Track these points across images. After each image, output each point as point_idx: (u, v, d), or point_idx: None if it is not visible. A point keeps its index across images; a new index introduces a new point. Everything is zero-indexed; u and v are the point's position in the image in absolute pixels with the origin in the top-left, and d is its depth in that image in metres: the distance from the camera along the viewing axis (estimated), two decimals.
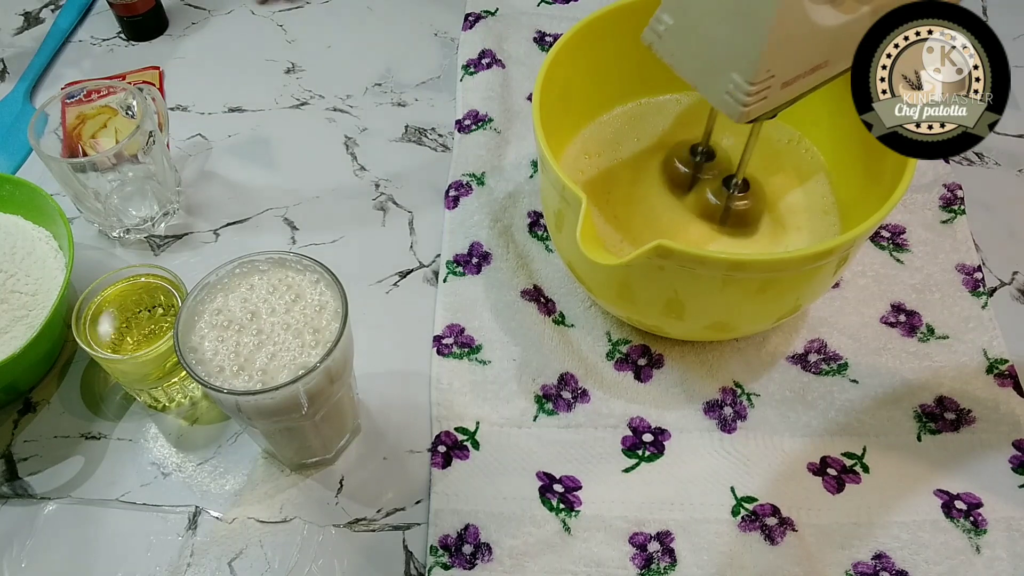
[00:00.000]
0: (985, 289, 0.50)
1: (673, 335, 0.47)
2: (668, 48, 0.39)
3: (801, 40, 0.35)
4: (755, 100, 0.36)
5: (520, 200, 0.55)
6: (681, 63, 0.39)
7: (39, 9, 0.71)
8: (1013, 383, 0.46)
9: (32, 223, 0.51)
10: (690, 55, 0.38)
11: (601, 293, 0.45)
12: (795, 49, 0.36)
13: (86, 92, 0.53)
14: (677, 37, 0.38)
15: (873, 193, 0.42)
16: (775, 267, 0.38)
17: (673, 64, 0.39)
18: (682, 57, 0.39)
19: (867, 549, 0.41)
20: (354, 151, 0.59)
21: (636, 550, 0.41)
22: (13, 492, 0.44)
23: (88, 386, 0.48)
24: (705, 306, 0.42)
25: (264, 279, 0.39)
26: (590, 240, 0.37)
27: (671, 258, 0.37)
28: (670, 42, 0.39)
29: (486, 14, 0.67)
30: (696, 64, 0.38)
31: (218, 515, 0.43)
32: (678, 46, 0.38)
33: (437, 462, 0.44)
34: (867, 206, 0.41)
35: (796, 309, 0.44)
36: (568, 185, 0.39)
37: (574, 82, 0.48)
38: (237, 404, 0.36)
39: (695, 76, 0.39)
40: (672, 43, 0.39)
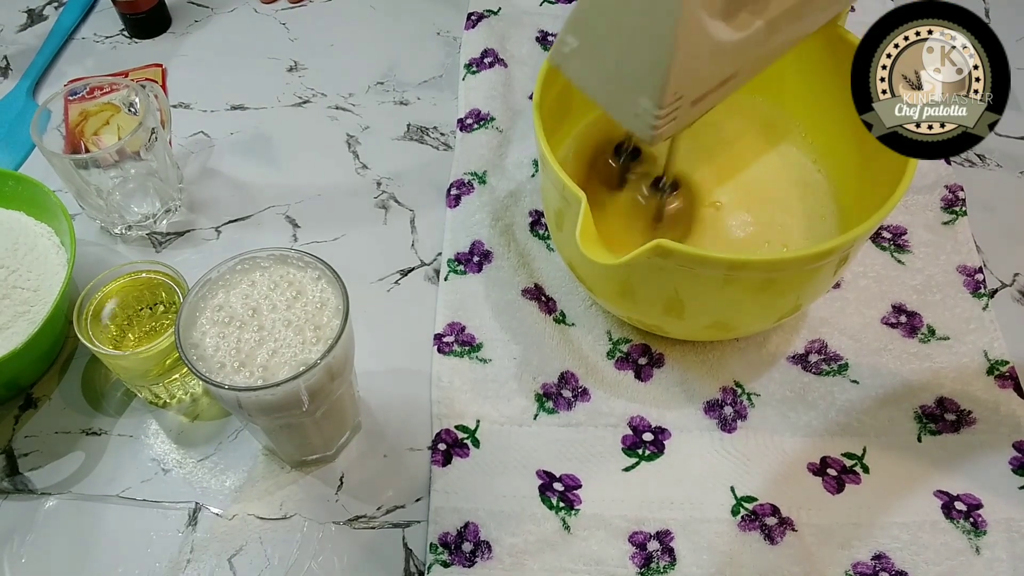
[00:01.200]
0: (986, 291, 0.50)
1: (674, 335, 0.47)
2: (575, 70, 0.38)
3: (705, 57, 0.34)
4: (665, 122, 0.35)
5: (521, 199, 0.55)
6: (588, 85, 0.38)
7: (42, 6, 0.71)
8: (1014, 384, 0.46)
9: (34, 219, 0.51)
10: (596, 78, 0.37)
11: (601, 292, 0.45)
12: (700, 67, 0.35)
13: (89, 89, 0.53)
14: (582, 59, 0.37)
15: (873, 195, 0.42)
16: (775, 267, 0.38)
17: (581, 86, 0.38)
18: (589, 79, 0.38)
19: (867, 549, 0.41)
20: (356, 149, 0.59)
21: (635, 549, 0.41)
22: (14, 487, 0.44)
23: (89, 382, 0.48)
24: (705, 305, 0.42)
25: (265, 275, 0.39)
26: (589, 239, 0.37)
27: (671, 258, 0.37)
28: (576, 64, 0.38)
29: (489, 13, 0.67)
30: (603, 87, 0.37)
31: (218, 511, 0.43)
32: (584, 68, 0.37)
33: (437, 460, 0.44)
34: (867, 207, 0.41)
35: (796, 309, 0.44)
36: (568, 184, 0.39)
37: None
38: (238, 400, 0.36)
39: (603, 98, 0.37)
40: (578, 65, 0.38)
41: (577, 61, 0.38)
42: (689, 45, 0.33)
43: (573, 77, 0.38)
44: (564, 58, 0.38)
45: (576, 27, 0.37)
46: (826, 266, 0.40)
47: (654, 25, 0.33)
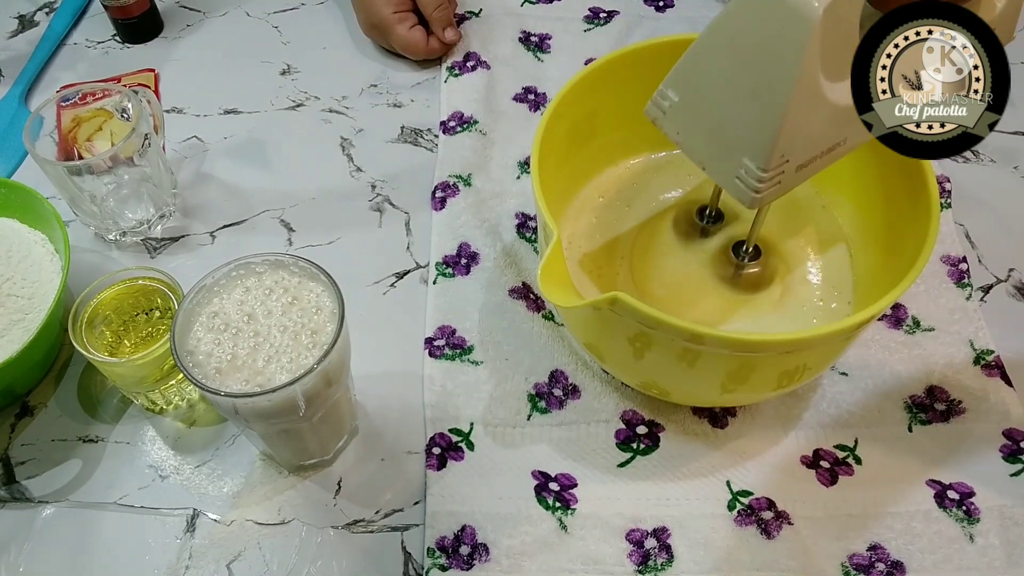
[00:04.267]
0: (969, 280, 0.50)
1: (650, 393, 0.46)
2: (673, 126, 0.37)
3: (817, 122, 0.33)
4: (768, 186, 0.34)
5: (507, 200, 0.55)
6: (687, 142, 0.37)
7: (34, 12, 0.71)
8: (1000, 373, 0.46)
9: (28, 226, 0.51)
10: (697, 135, 0.36)
11: (574, 334, 0.45)
12: (811, 131, 0.34)
13: (81, 95, 0.53)
14: (683, 115, 0.36)
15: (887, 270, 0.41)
16: (738, 346, 0.35)
17: (679, 143, 0.37)
18: (688, 136, 0.36)
19: (862, 540, 0.41)
20: (350, 152, 0.59)
21: (633, 547, 0.41)
22: (10, 496, 0.44)
23: (85, 389, 0.48)
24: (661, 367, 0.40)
25: (260, 281, 0.39)
26: (551, 276, 0.36)
27: (625, 312, 0.35)
28: (676, 119, 0.36)
29: (470, 15, 0.67)
30: (704, 145, 0.36)
31: (216, 517, 0.43)
32: (684, 124, 0.36)
33: (432, 464, 0.44)
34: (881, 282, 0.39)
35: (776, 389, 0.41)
36: (547, 220, 0.37)
37: (600, 115, 0.47)
38: (234, 407, 0.36)
39: (703, 157, 0.36)
40: (678, 121, 0.36)
41: (676, 116, 0.36)
42: (803, 107, 0.32)
43: (670, 133, 0.37)
44: (662, 112, 0.37)
45: (679, 81, 0.36)
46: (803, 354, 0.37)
47: (768, 84, 0.32)
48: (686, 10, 0.68)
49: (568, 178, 0.49)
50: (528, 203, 0.55)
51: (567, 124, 0.45)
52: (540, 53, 0.64)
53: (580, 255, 0.48)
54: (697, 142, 0.37)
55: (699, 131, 0.36)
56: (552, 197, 0.41)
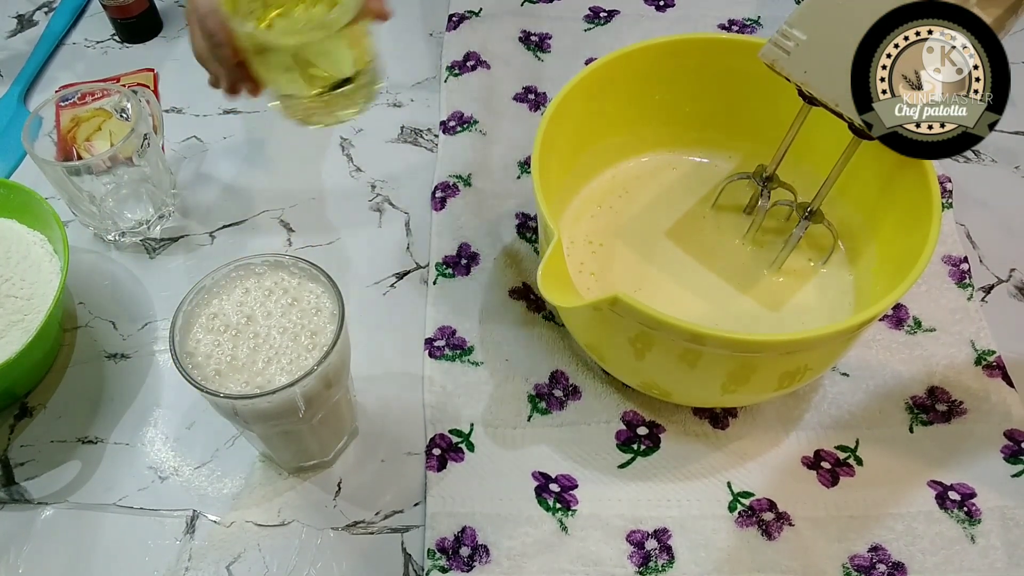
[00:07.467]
0: (971, 281, 0.50)
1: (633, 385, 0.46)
2: (800, 65, 0.37)
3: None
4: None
5: (507, 200, 0.55)
6: (817, 81, 0.36)
7: (32, 12, 0.70)
8: (1002, 373, 0.46)
9: (27, 227, 0.51)
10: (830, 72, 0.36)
11: (571, 330, 0.45)
12: None
13: (80, 95, 0.53)
14: (812, 54, 0.36)
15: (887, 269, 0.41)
16: (739, 347, 0.35)
17: (804, 82, 0.37)
18: (817, 75, 0.36)
19: (863, 542, 0.41)
20: (350, 152, 0.59)
21: (633, 548, 0.41)
22: (10, 497, 0.44)
23: (84, 390, 0.48)
24: (662, 365, 0.40)
25: (260, 282, 0.39)
26: (552, 276, 0.36)
27: (626, 313, 0.35)
28: (803, 59, 0.36)
29: (470, 14, 0.67)
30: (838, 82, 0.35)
31: (216, 519, 0.43)
32: (813, 63, 0.36)
33: (432, 465, 0.44)
34: (882, 282, 0.39)
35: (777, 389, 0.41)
36: (548, 220, 0.38)
37: (601, 115, 0.47)
38: (234, 408, 0.36)
39: (836, 95, 0.36)
40: (806, 60, 0.36)
41: (804, 56, 0.37)
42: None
43: (795, 73, 0.37)
44: (785, 53, 0.37)
45: (807, 19, 0.36)
46: (798, 355, 0.37)
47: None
48: (686, 10, 0.68)
49: (569, 178, 0.48)
50: (528, 203, 0.55)
51: (568, 124, 0.44)
52: (540, 53, 0.64)
53: (581, 255, 0.48)
54: (830, 80, 0.36)
55: (832, 69, 0.36)
56: (553, 197, 0.41)
